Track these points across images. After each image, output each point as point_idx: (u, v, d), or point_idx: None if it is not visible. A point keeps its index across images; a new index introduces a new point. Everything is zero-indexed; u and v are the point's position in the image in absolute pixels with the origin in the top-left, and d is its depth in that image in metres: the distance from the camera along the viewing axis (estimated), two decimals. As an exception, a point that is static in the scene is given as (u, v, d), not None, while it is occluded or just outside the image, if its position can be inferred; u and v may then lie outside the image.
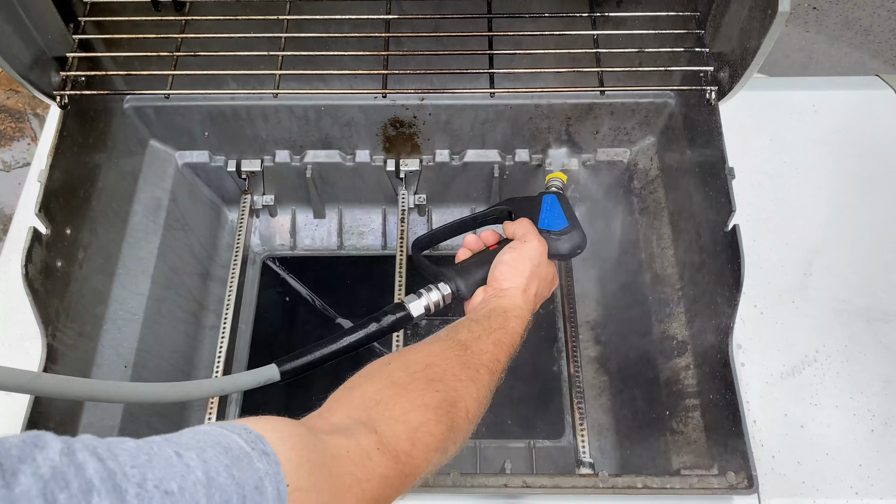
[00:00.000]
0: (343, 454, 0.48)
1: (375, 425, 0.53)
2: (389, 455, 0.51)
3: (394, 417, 0.55)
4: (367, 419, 0.54)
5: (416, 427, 0.55)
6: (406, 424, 0.55)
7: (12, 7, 0.88)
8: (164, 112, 1.15)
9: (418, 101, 1.14)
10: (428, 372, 0.62)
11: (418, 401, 0.58)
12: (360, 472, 0.48)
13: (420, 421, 0.56)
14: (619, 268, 1.24)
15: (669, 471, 0.97)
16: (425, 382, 0.60)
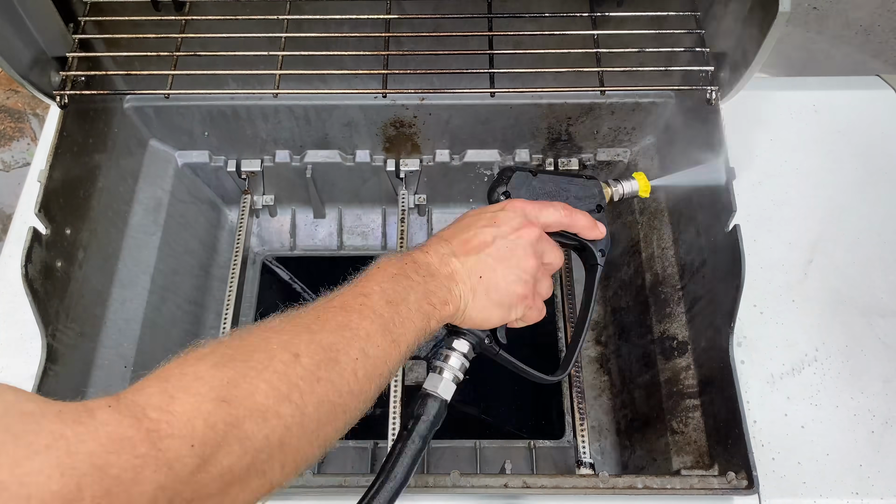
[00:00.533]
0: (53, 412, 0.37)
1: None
2: (127, 412, 0.38)
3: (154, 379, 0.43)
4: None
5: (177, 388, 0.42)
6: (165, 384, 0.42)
7: (12, 7, 0.88)
8: (164, 112, 1.15)
9: (418, 101, 1.14)
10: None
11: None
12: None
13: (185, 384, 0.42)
14: (619, 268, 1.24)
15: (670, 471, 0.97)
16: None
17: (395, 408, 1.02)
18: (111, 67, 1.08)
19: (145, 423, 0.38)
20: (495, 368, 1.65)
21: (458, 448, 1.21)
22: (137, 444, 0.36)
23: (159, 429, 0.38)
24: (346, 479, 0.81)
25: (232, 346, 0.46)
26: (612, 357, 1.24)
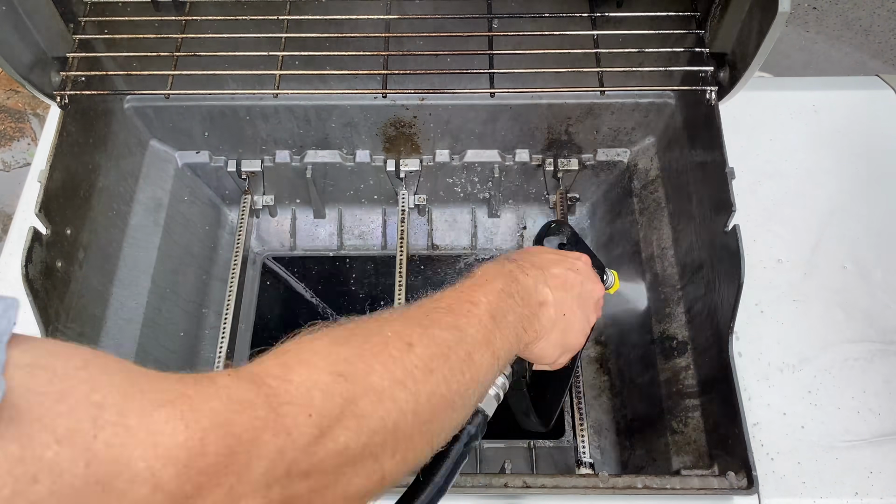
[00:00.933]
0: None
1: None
2: (246, 378, 0.39)
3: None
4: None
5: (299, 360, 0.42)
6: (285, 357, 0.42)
7: (12, 7, 0.88)
8: (164, 112, 1.15)
9: (418, 101, 1.14)
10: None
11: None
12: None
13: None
14: (619, 268, 1.24)
15: (669, 471, 0.97)
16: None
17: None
18: (111, 67, 1.08)
19: (264, 389, 0.38)
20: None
21: (458, 448, 1.21)
22: (258, 406, 0.36)
23: (278, 394, 0.38)
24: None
25: (348, 329, 0.47)
26: (611, 357, 1.24)
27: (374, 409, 0.41)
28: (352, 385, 0.41)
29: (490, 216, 1.40)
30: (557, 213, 1.25)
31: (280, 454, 0.36)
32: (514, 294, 0.58)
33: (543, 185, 1.31)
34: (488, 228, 1.41)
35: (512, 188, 1.33)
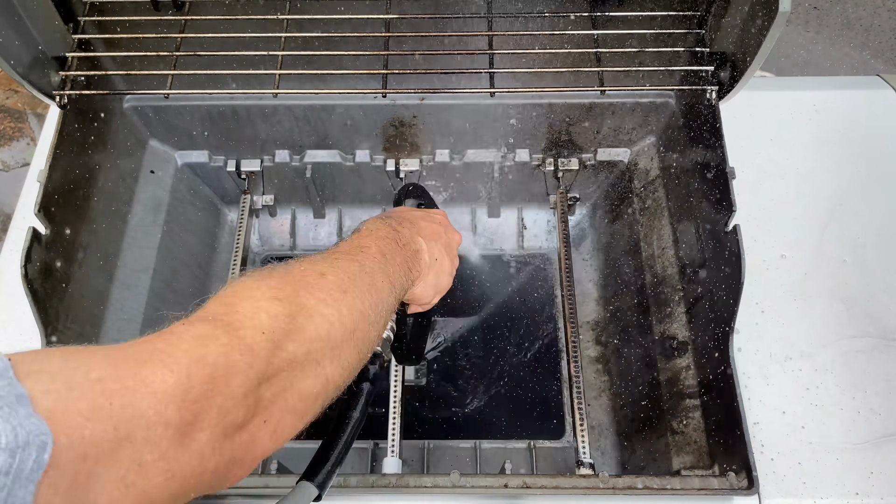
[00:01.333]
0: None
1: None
2: (200, 319, 0.46)
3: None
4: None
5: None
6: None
7: (12, 7, 0.88)
8: (163, 112, 1.15)
9: (418, 100, 1.14)
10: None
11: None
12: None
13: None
14: (619, 268, 1.24)
15: (670, 471, 0.97)
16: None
17: (396, 407, 1.02)
18: (111, 67, 1.08)
19: (219, 323, 0.45)
20: (496, 369, 1.65)
21: (458, 448, 1.21)
22: (220, 336, 0.43)
23: (232, 323, 0.45)
24: (346, 479, 0.81)
25: (265, 271, 0.53)
26: (612, 357, 1.24)
27: (309, 323, 0.49)
28: (287, 305, 0.48)
29: (490, 216, 1.40)
30: (557, 212, 1.25)
31: (249, 368, 0.44)
32: (397, 241, 0.67)
33: (543, 185, 1.30)
34: (488, 228, 1.41)
35: (512, 188, 1.33)
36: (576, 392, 1.03)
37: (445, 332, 1.74)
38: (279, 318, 0.47)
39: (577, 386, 1.04)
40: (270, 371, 0.45)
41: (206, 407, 0.40)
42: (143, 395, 0.37)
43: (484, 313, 1.69)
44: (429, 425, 1.66)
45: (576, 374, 1.05)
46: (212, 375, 0.41)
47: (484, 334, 1.71)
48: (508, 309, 1.63)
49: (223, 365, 0.42)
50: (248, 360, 0.44)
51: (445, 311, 1.76)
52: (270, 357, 0.45)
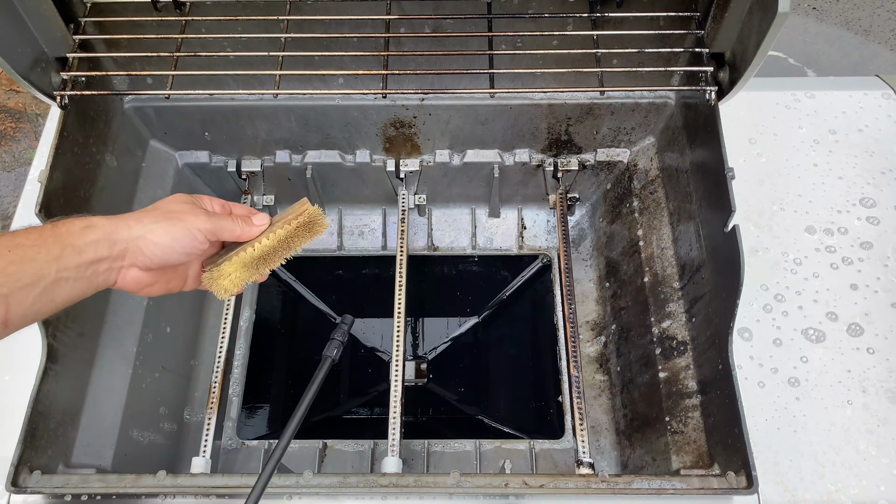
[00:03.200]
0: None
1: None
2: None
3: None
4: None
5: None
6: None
7: (13, 7, 0.88)
8: (164, 112, 1.15)
9: (418, 101, 1.14)
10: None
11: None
12: None
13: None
14: (618, 268, 1.25)
15: (669, 471, 0.97)
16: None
17: (396, 407, 1.02)
18: (111, 68, 1.09)
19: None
20: (495, 369, 1.65)
21: (458, 448, 1.21)
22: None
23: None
24: (346, 479, 0.81)
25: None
26: (611, 357, 1.25)
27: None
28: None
29: (490, 216, 1.40)
30: (557, 212, 1.25)
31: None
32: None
33: (543, 185, 1.31)
34: (488, 228, 1.41)
35: (512, 188, 1.33)
36: (576, 392, 1.03)
37: (445, 332, 1.74)
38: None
39: (577, 386, 1.04)
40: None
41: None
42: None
43: (484, 313, 1.69)
44: (429, 425, 1.66)
45: (576, 374, 1.05)
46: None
47: (484, 334, 1.71)
48: (508, 309, 1.63)
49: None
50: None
51: (446, 310, 1.77)
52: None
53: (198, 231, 0.68)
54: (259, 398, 1.38)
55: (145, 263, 0.66)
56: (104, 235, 0.63)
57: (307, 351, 1.61)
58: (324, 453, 1.21)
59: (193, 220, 0.68)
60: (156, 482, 0.81)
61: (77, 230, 0.62)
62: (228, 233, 0.71)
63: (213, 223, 0.69)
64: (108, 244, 0.63)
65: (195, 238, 0.68)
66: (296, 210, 0.74)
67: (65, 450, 0.92)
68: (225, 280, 0.71)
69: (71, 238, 0.62)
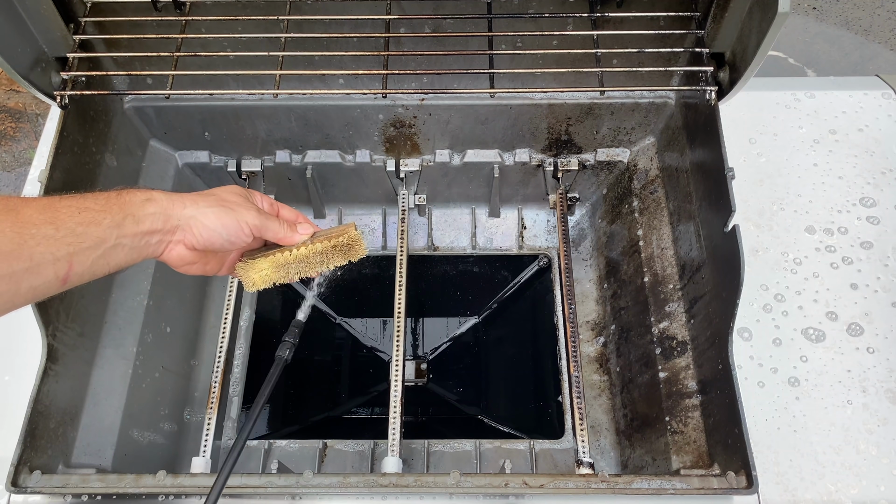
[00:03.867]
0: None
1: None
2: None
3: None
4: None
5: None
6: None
7: (13, 7, 0.88)
8: (164, 112, 1.15)
9: (418, 101, 1.14)
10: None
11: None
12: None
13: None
14: (618, 268, 1.25)
15: (669, 471, 0.97)
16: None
17: (396, 407, 1.02)
18: (111, 68, 1.09)
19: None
20: (495, 369, 1.65)
21: (458, 448, 1.21)
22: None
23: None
24: (346, 479, 0.81)
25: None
26: (611, 357, 1.25)
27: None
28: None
29: (490, 216, 1.40)
30: (557, 212, 1.26)
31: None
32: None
33: (543, 185, 1.31)
34: (488, 228, 1.41)
35: (512, 188, 1.33)
36: (576, 392, 1.03)
37: (445, 332, 1.74)
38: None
39: (577, 386, 1.04)
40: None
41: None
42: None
43: (484, 313, 1.69)
44: (429, 425, 1.66)
45: (576, 374, 1.05)
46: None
47: (484, 334, 1.71)
48: (508, 309, 1.63)
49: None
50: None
51: (446, 310, 1.77)
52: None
53: (245, 224, 0.72)
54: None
55: (191, 242, 0.70)
56: (161, 210, 0.67)
57: (307, 351, 1.61)
58: (324, 453, 1.21)
59: (245, 214, 0.72)
60: (156, 482, 0.81)
61: (139, 201, 0.67)
62: (273, 233, 0.76)
63: (262, 220, 0.74)
64: (164, 218, 0.68)
65: (242, 230, 0.72)
66: (339, 230, 0.80)
67: (65, 450, 0.92)
68: (256, 274, 0.76)
69: (133, 208, 0.66)
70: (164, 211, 0.68)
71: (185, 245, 0.70)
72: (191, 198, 0.70)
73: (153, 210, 0.67)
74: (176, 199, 0.69)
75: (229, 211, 0.71)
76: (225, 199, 0.73)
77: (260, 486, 0.81)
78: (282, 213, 0.79)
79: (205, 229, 0.70)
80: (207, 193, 0.73)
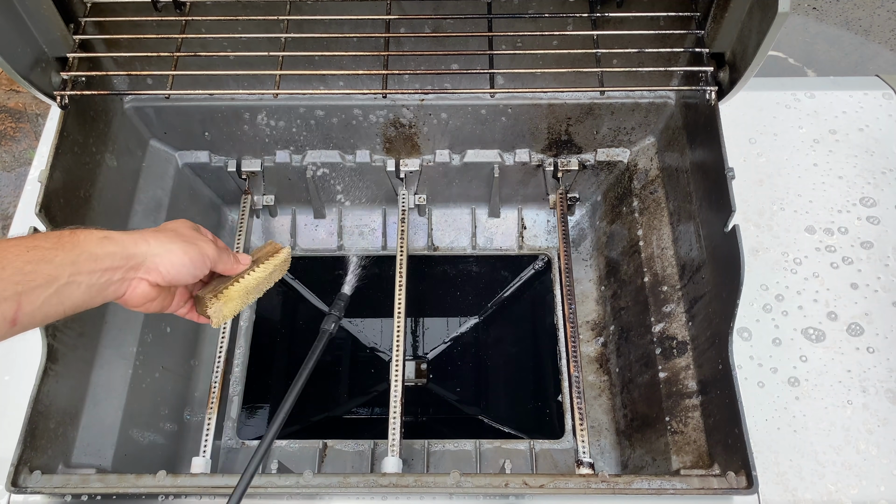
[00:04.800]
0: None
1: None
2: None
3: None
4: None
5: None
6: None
7: (13, 7, 0.88)
8: (164, 112, 1.15)
9: (418, 101, 1.14)
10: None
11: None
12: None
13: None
14: (618, 268, 1.25)
15: (669, 471, 0.97)
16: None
17: (396, 407, 1.02)
18: (111, 68, 1.09)
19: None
20: (496, 369, 1.65)
21: (458, 448, 1.21)
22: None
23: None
24: (346, 479, 0.81)
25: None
26: (611, 357, 1.25)
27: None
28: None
29: (490, 216, 1.40)
30: (557, 212, 1.26)
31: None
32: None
33: (543, 185, 1.31)
34: (488, 228, 1.41)
35: (512, 188, 1.33)
36: (576, 392, 1.03)
37: (445, 332, 1.74)
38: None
39: (577, 386, 1.04)
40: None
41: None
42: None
43: (484, 313, 1.69)
44: (429, 425, 1.66)
45: (576, 374, 1.05)
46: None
47: (484, 334, 1.71)
48: (508, 309, 1.63)
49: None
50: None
51: (446, 310, 1.77)
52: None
53: (206, 257, 0.72)
54: (259, 398, 1.38)
55: (156, 279, 0.69)
56: (121, 248, 0.66)
57: (307, 351, 1.60)
58: (324, 453, 1.21)
59: (205, 247, 0.72)
60: (156, 482, 0.81)
61: (95, 239, 0.65)
62: (224, 265, 0.76)
63: (218, 253, 0.74)
64: (124, 256, 0.66)
65: (205, 263, 0.72)
66: (269, 249, 0.83)
67: (65, 450, 0.92)
68: (227, 308, 0.77)
69: (89, 245, 0.64)
70: (123, 249, 0.66)
71: (148, 282, 0.69)
72: (151, 234, 0.70)
73: (112, 249, 0.65)
74: (136, 237, 0.68)
75: (192, 245, 0.71)
76: (183, 233, 0.72)
77: (260, 486, 0.81)
78: (218, 243, 0.78)
79: (172, 265, 0.69)
80: (163, 229, 0.72)
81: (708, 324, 0.95)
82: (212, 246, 0.73)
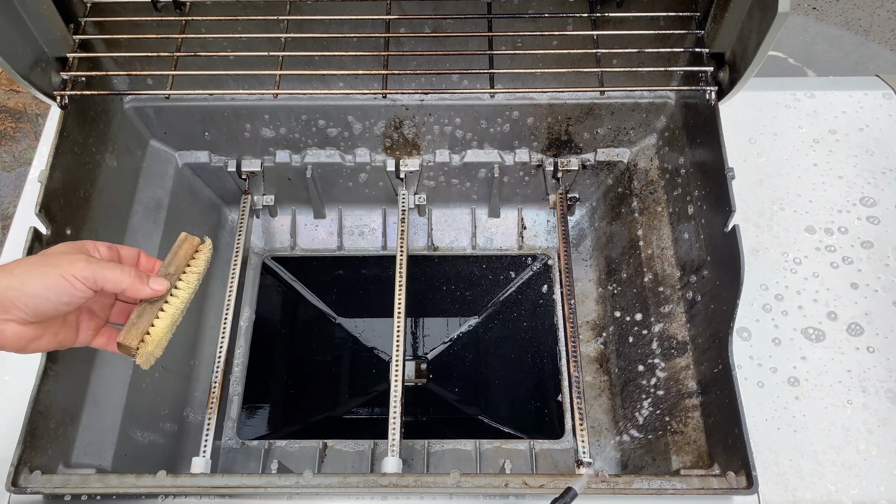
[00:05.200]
0: None
1: None
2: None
3: None
4: None
5: None
6: None
7: (13, 7, 0.88)
8: (164, 112, 1.15)
9: (418, 101, 1.14)
10: None
11: None
12: None
13: None
14: (618, 268, 1.25)
15: (669, 471, 0.97)
16: None
17: (396, 407, 1.02)
18: (111, 68, 1.09)
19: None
20: (496, 369, 1.65)
21: (458, 448, 1.21)
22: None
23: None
24: (346, 479, 0.81)
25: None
26: (612, 357, 1.25)
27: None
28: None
29: (490, 216, 1.40)
30: (557, 212, 1.26)
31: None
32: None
33: (543, 185, 1.31)
34: (488, 228, 1.41)
35: (512, 188, 1.33)
36: (576, 392, 1.03)
37: (445, 332, 1.74)
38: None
39: (577, 386, 1.04)
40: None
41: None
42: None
43: (484, 313, 1.69)
44: (429, 425, 1.66)
45: (576, 374, 1.05)
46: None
47: (484, 334, 1.71)
48: (508, 309, 1.63)
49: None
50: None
51: (446, 310, 1.77)
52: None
53: (73, 278, 0.63)
54: (259, 398, 1.38)
55: (21, 317, 0.62)
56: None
57: (307, 351, 1.61)
58: (324, 453, 1.21)
59: (69, 267, 0.63)
60: (156, 482, 0.81)
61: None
62: (112, 282, 0.66)
63: (93, 269, 0.65)
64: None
65: (72, 285, 0.63)
66: (188, 247, 0.74)
67: (65, 450, 0.92)
68: (158, 349, 0.71)
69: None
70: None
71: (16, 322, 0.62)
72: (14, 264, 0.63)
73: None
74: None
75: (51, 269, 0.63)
76: (48, 255, 0.65)
77: (260, 486, 0.81)
78: (122, 252, 0.71)
79: (30, 298, 0.61)
80: (31, 257, 0.65)
81: (708, 324, 0.95)
82: (81, 263, 0.64)
